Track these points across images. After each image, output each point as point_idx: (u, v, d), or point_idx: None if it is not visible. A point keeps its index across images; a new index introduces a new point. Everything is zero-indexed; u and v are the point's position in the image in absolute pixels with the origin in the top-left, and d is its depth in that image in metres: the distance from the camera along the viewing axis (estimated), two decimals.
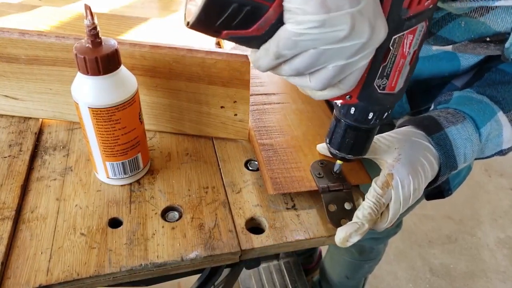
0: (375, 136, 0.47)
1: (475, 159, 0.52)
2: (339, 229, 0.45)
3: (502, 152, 0.52)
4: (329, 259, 1.25)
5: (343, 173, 0.52)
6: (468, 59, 0.56)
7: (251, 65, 0.52)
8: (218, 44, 0.75)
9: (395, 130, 0.50)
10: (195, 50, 0.52)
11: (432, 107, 0.55)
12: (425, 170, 0.46)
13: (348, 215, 0.47)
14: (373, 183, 0.46)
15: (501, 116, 0.49)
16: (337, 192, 0.49)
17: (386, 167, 0.46)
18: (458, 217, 1.69)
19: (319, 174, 0.51)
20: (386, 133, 0.49)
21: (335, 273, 1.23)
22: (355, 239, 0.45)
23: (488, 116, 0.49)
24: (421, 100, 0.63)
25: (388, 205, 0.46)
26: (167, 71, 0.53)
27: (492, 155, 0.53)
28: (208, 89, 0.55)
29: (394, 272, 1.48)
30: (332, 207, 0.48)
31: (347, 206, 0.48)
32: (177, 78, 0.54)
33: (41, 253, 0.44)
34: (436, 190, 0.73)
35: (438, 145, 0.47)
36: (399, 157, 0.46)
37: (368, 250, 1.08)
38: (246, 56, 0.52)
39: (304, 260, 1.40)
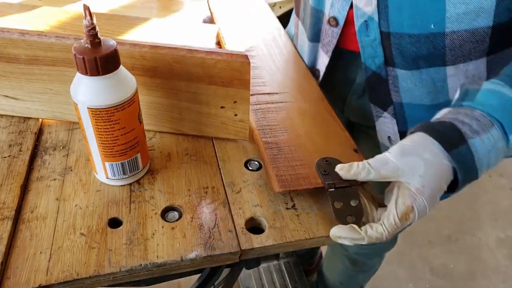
0: (395, 153, 0.45)
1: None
2: (340, 226, 0.45)
3: None
4: (326, 263, 1.26)
5: None
6: (456, 4, 0.51)
7: (251, 66, 0.52)
8: (218, 44, 0.75)
9: (413, 141, 0.46)
10: (195, 50, 0.52)
11: (457, 94, 0.50)
12: (440, 194, 0.45)
13: (354, 212, 0.47)
14: (393, 211, 0.44)
15: None
16: (343, 189, 0.49)
17: (408, 196, 0.43)
18: (458, 217, 1.69)
19: (325, 171, 0.51)
20: (405, 144, 0.46)
21: (331, 277, 1.23)
22: (345, 242, 0.45)
23: None
24: (400, 60, 0.59)
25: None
26: (167, 71, 0.53)
27: None
28: (208, 89, 0.55)
29: (394, 272, 1.48)
30: (338, 204, 0.48)
31: (353, 203, 0.48)
32: (177, 78, 0.54)
33: (41, 253, 0.44)
34: None
35: (458, 163, 0.43)
36: (423, 189, 0.43)
37: (361, 263, 1.08)
38: (246, 56, 0.52)
39: (305, 262, 1.40)
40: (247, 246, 0.46)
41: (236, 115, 0.57)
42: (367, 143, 0.74)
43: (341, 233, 0.45)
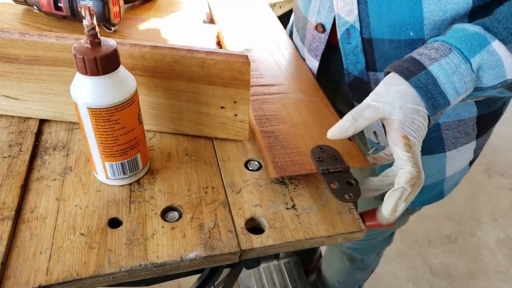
0: (372, 97, 0.48)
1: (476, 91, 0.50)
2: (385, 200, 0.46)
3: (508, 82, 0.50)
4: (325, 262, 1.26)
5: (341, 157, 0.53)
6: (433, 13, 0.53)
7: (251, 65, 0.52)
8: (219, 44, 0.75)
9: (384, 83, 0.49)
10: (195, 50, 0.52)
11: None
12: (424, 119, 0.47)
13: (352, 190, 0.49)
14: (395, 150, 0.46)
15: (496, 46, 0.47)
16: (337, 173, 0.51)
17: (397, 129, 0.46)
18: (458, 217, 1.69)
19: (319, 158, 0.53)
20: (378, 87, 0.49)
21: (329, 276, 1.23)
22: (402, 206, 0.45)
23: (479, 46, 0.47)
24: (382, 64, 0.61)
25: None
26: (167, 71, 0.53)
27: (497, 85, 0.50)
28: (208, 90, 0.55)
29: (394, 272, 1.48)
30: (334, 185, 0.49)
31: (348, 183, 0.50)
32: (177, 79, 0.54)
33: (41, 253, 0.44)
34: None
35: (417, 88, 0.46)
36: (405, 118, 0.46)
37: (358, 260, 1.08)
38: (246, 56, 0.52)
39: (304, 261, 1.40)
40: (247, 246, 0.46)
41: (236, 115, 0.57)
42: (356, 138, 0.74)
43: (390, 205, 0.46)
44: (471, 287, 1.46)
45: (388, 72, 0.50)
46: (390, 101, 0.47)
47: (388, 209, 0.46)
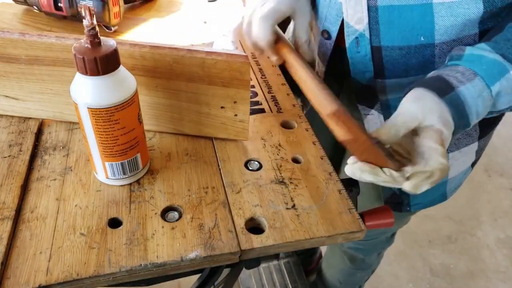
0: (406, 106, 0.48)
1: (489, 113, 0.52)
2: (411, 176, 0.45)
3: None
4: (325, 262, 1.26)
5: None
6: (444, 18, 0.54)
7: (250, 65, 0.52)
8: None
9: (412, 95, 0.49)
10: (195, 51, 0.52)
11: (447, 61, 0.55)
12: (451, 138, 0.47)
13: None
14: (430, 144, 0.46)
15: None
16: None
17: (436, 135, 0.46)
18: (458, 217, 1.69)
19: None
20: (407, 98, 0.49)
21: (330, 276, 1.23)
22: (425, 187, 0.45)
23: (498, 75, 0.49)
24: (390, 71, 0.61)
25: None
26: (167, 72, 0.53)
27: (508, 109, 0.52)
28: (208, 90, 0.55)
29: (394, 272, 1.48)
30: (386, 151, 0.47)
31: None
32: (177, 79, 0.54)
33: (41, 253, 0.44)
34: (396, 201, 0.73)
35: (451, 106, 0.47)
36: (445, 127, 0.46)
37: (360, 260, 1.08)
38: (246, 56, 0.52)
39: (304, 261, 1.40)
40: (247, 246, 0.46)
41: (236, 115, 0.57)
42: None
43: (414, 181, 0.45)
44: (471, 287, 1.46)
45: (409, 89, 0.50)
46: (429, 110, 0.47)
47: (413, 183, 0.45)
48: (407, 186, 0.46)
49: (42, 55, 0.53)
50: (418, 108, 0.47)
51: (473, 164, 0.75)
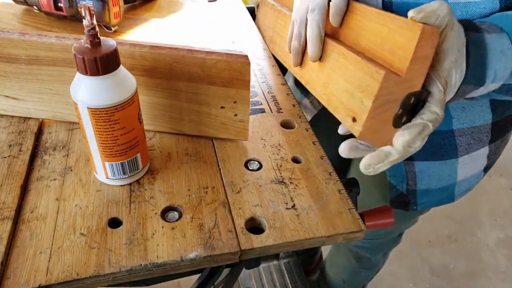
0: None
1: (501, 89, 0.47)
2: (401, 132, 0.42)
3: None
4: (329, 261, 1.25)
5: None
6: (457, 12, 0.50)
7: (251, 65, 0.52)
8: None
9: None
10: (196, 51, 0.52)
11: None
12: (461, 78, 0.43)
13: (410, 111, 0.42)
14: (435, 87, 0.41)
15: None
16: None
17: (447, 66, 0.41)
18: (458, 217, 1.69)
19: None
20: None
21: (333, 275, 1.23)
22: (418, 144, 0.41)
23: None
24: None
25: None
26: (167, 72, 0.53)
27: None
28: (208, 90, 0.55)
29: (394, 272, 1.48)
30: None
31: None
32: (177, 79, 0.54)
33: (41, 253, 0.44)
34: (402, 200, 0.73)
35: (473, 44, 0.42)
36: (456, 63, 0.41)
37: (366, 259, 1.08)
38: (247, 56, 0.52)
39: (305, 261, 1.40)
40: (247, 246, 0.46)
41: (236, 115, 0.57)
42: (376, 182, 0.74)
43: (407, 137, 0.41)
44: (471, 287, 1.46)
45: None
46: (457, 33, 0.41)
47: (405, 140, 0.41)
48: (399, 144, 0.42)
49: (42, 55, 0.53)
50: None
51: (485, 169, 0.73)
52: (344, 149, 0.46)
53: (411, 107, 0.42)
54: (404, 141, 0.42)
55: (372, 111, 0.40)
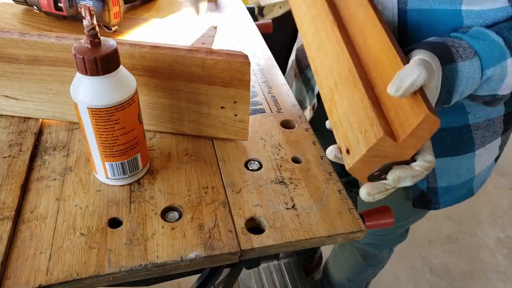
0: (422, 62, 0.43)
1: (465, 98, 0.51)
2: (394, 170, 0.43)
3: (495, 97, 0.51)
4: (332, 260, 1.25)
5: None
6: (472, 15, 0.52)
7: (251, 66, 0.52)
8: None
9: (424, 55, 0.45)
10: (196, 51, 0.52)
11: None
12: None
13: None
14: None
15: (509, 63, 0.48)
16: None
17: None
18: (458, 217, 1.69)
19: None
20: (419, 57, 0.44)
21: (337, 274, 1.22)
22: (407, 183, 0.43)
23: (497, 60, 0.48)
24: None
25: None
26: (168, 72, 0.53)
27: (485, 97, 0.51)
28: (209, 90, 0.55)
29: (394, 272, 1.48)
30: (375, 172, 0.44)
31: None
32: (177, 79, 0.54)
33: (41, 253, 0.44)
34: (424, 199, 0.73)
35: (446, 78, 0.46)
36: (433, 99, 0.45)
37: (372, 255, 1.08)
38: (246, 56, 0.52)
39: (305, 261, 1.40)
40: (247, 246, 0.46)
41: (236, 115, 0.57)
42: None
43: (399, 174, 0.43)
44: (471, 287, 1.46)
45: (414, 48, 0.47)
46: (437, 76, 0.45)
47: (396, 175, 0.42)
48: (390, 179, 0.43)
49: (42, 55, 0.53)
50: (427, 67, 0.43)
51: (496, 159, 0.75)
52: (329, 154, 0.48)
53: (389, 168, 0.44)
54: (396, 176, 0.43)
55: (364, 157, 0.42)
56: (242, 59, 0.52)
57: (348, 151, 0.45)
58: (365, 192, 0.45)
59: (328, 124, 0.51)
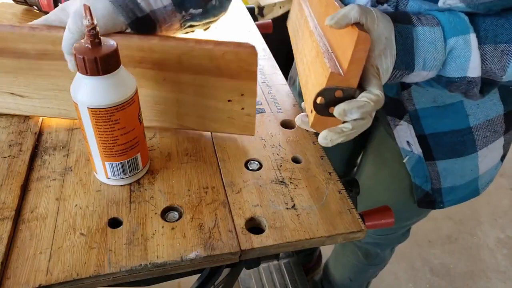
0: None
1: (438, 80, 0.51)
2: (344, 103, 0.43)
3: (466, 80, 0.50)
4: (333, 260, 1.25)
5: None
6: None
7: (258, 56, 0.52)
8: None
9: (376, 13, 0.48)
10: (204, 42, 0.52)
11: None
12: (392, 64, 0.47)
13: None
14: (369, 75, 0.45)
15: (473, 39, 0.48)
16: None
17: (376, 56, 0.46)
18: (458, 217, 1.69)
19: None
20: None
21: (338, 274, 1.22)
22: (354, 115, 0.43)
23: (460, 31, 0.48)
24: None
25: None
26: (176, 64, 0.53)
27: (456, 80, 0.51)
28: (216, 82, 0.54)
29: (394, 272, 1.48)
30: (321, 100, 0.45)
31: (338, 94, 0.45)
32: (185, 71, 0.54)
33: (41, 253, 0.44)
34: (428, 199, 0.74)
35: (399, 35, 0.47)
36: (385, 50, 0.46)
37: (374, 255, 1.08)
38: (254, 47, 0.52)
39: (304, 259, 1.40)
40: (247, 246, 0.46)
41: (243, 108, 0.56)
42: (390, 148, 0.75)
43: (343, 106, 0.43)
44: (471, 287, 1.46)
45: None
46: (382, 25, 0.46)
47: (341, 108, 0.43)
48: (336, 110, 0.44)
49: (52, 49, 0.53)
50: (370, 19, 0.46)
51: (502, 158, 0.76)
52: (297, 120, 0.49)
53: (337, 100, 0.44)
54: (341, 108, 0.43)
55: None
56: (249, 49, 0.52)
57: (311, 111, 0.47)
58: (322, 136, 0.45)
59: (302, 104, 0.52)
